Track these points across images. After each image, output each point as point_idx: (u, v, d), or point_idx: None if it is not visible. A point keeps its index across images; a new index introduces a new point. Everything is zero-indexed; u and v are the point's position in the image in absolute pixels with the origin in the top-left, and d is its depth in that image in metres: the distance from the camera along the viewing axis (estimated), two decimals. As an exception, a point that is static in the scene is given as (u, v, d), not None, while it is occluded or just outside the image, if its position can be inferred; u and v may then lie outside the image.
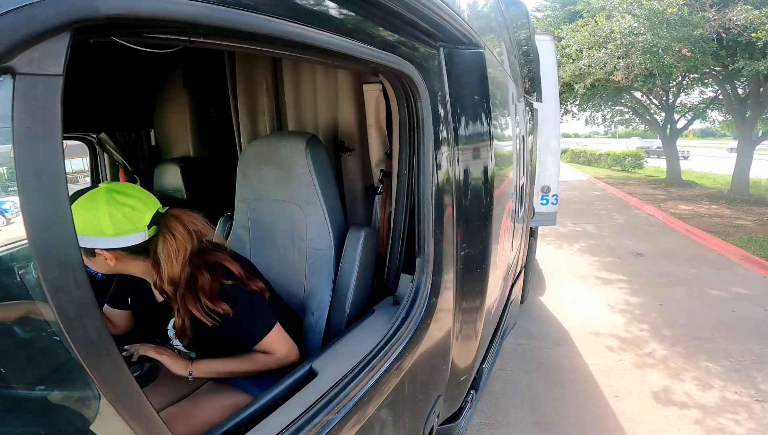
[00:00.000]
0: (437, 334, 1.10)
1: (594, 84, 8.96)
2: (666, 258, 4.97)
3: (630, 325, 3.31)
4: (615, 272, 4.54)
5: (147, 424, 0.48)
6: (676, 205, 8.33)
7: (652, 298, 3.80)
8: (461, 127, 1.10)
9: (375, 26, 0.77)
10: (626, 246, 5.57)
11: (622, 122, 16.75)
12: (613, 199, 9.74)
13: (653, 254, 5.15)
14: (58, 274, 0.38)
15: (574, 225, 6.88)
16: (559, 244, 5.76)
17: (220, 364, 1.00)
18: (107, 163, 2.53)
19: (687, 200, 8.84)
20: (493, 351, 1.90)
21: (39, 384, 0.65)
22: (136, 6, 0.40)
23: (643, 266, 4.73)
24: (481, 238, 1.21)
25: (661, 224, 6.93)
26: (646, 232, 6.39)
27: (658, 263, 4.80)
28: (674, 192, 10.05)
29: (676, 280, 4.23)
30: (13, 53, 0.33)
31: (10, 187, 0.78)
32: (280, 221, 1.25)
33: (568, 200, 9.10)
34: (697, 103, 12.15)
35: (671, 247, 5.48)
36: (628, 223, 7.08)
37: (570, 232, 6.44)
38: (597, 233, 6.35)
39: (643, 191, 10.42)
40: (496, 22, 1.72)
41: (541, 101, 3.10)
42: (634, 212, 8.04)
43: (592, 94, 10.65)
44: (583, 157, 20.55)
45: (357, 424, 0.78)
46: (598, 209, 8.35)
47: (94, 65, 1.74)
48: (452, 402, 1.39)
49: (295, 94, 1.51)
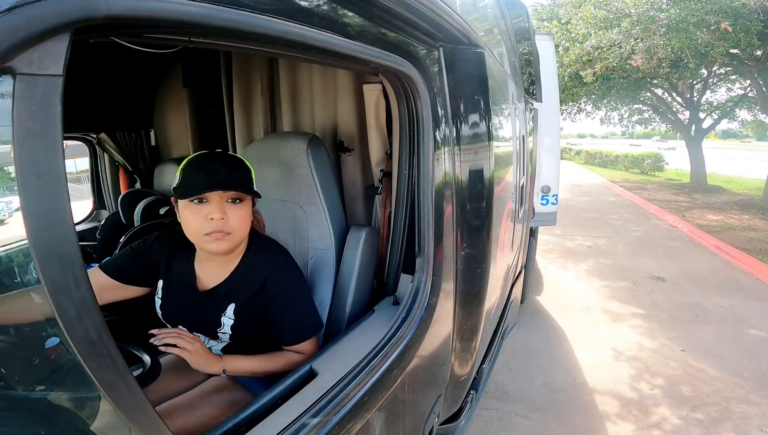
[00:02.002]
0: (437, 334, 1.10)
1: (608, 73, 7.62)
2: (692, 284, 4.10)
3: (638, 379, 2.57)
4: (628, 303, 3.69)
5: (147, 424, 0.48)
6: (703, 214, 7.26)
7: (672, 341, 3.01)
8: (461, 127, 1.10)
9: (375, 26, 0.77)
10: (644, 267, 4.65)
11: (640, 122, 15.45)
12: (630, 206, 8.70)
13: (677, 279, 4.26)
14: (58, 274, 0.38)
15: (583, 238, 5.93)
16: (564, 264, 4.86)
17: (251, 361, 0.97)
18: (107, 163, 2.54)
19: (715, 209, 7.80)
20: (493, 351, 1.90)
21: (39, 384, 0.65)
22: (136, 6, 0.40)
23: (664, 295, 3.84)
24: (481, 238, 1.21)
25: (686, 238, 5.92)
26: (668, 248, 5.38)
27: (683, 291, 3.93)
28: (699, 198, 9.05)
29: (705, 316, 3.40)
30: (13, 53, 0.33)
31: (6, 187, 0.78)
32: (281, 221, 1.25)
33: (578, 208, 8.34)
34: (725, 101, 11.18)
35: (699, 269, 4.55)
36: (646, 236, 6.09)
37: (578, 248, 5.47)
38: (610, 249, 5.36)
39: (664, 197, 9.43)
40: (496, 22, 1.72)
41: (541, 101, 3.10)
42: (654, 223, 7.00)
43: (607, 88, 9.47)
44: (599, 159, 19.69)
45: (357, 424, 0.78)
46: (612, 219, 7.30)
47: (94, 65, 1.74)
48: (452, 402, 1.39)
49: (290, 95, 1.51)
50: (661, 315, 3.44)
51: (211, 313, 0.98)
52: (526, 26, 2.65)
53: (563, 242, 5.76)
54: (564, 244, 5.66)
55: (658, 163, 15.45)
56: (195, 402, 1.01)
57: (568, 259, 5.01)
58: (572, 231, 6.35)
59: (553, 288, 4.15)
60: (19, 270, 1.19)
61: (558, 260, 5.02)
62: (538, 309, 3.63)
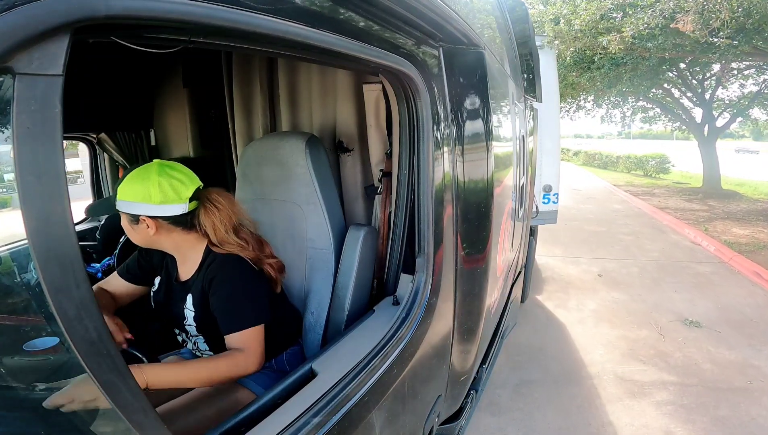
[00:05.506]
0: (437, 334, 1.10)
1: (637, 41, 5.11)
2: (737, 330, 3.07)
3: None
4: (653, 364, 2.64)
5: (147, 425, 0.48)
6: (727, 227, 6.11)
7: (719, 427, 2.07)
8: (461, 126, 1.10)
9: (375, 26, 0.77)
10: (670, 304, 3.56)
11: (645, 120, 13.96)
12: (641, 215, 7.53)
13: (715, 322, 3.20)
14: (58, 274, 0.38)
15: (588, 261, 4.77)
16: (564, 301, 3.70)
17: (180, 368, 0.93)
18: (107, 163, 2.54)
19: (738, 220, 6.67)
20: (493, 351, 1.90)
21: (39, 384, 0.65)
22: (136, 6, 0.40)
23: (701, 349, 2.81)
24: (481, 238, 1.21)
25: (715, 260, 4.78)
26: (695, 276, 4.26)
27: (726, 342, 2.90)
28: (717, 206, 7.96)
29: (761, 380, 2.45)
30: (13, 53, 0.33)
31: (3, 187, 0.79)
32: (280, 221, 1.25)
33: (581, 218, 7.13)
34: (738, 98, 10.19)
35: (740, 306, 3.47)
36: (666, 258, 4.90)
37: (583, 276, 4.33)
38: (623, 278, 4.24)
39: (676, 205, 8.23)
40: (496, 22, 1.72)
41: (541, 101, 3.10)
42: (672, 239, 5.83)
43: (615, 76, 7.55)
44: (599, 160, 18.79)
45: (357, 423, 0.78)
46: (621, 233, 6.15)
47: (94, 65, 1.74)
48: (452, 402, 1.39)
49: (290, 95, 1.51)
50: (700, 383, 2.44)
51: (177, 304, 1.06)
52: (526, 26, 2.65)
53: (565, 267, 4.58)
54: (566, 270, 4.50)
55: (663, 164, 14.42)
56: (195, 403, 1.01)
57: (571, 294, 3.84)
58: (575, 250, 5.23)
59: (552, 340, 3.03)
60: (19, 270, 1.19)
61: (558, 295, 3.80)
62: (528, 380, 2.55)
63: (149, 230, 0.97)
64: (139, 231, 0.98)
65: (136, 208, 0.94)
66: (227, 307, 0.99)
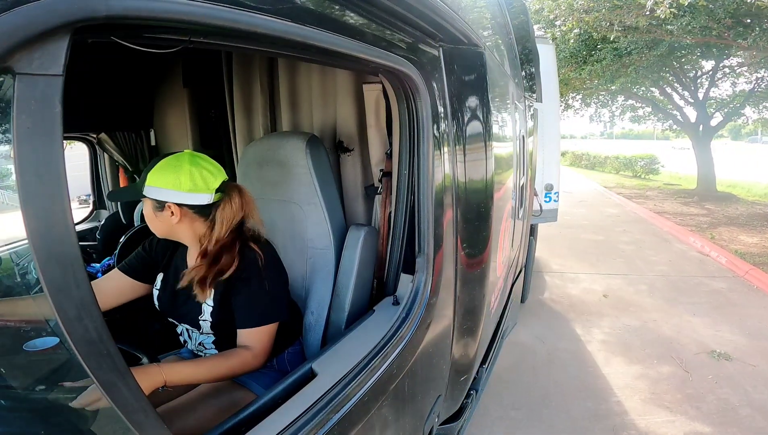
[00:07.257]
0: (437, 334, 1.10)
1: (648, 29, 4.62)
2: None
3: None
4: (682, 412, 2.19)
5: (147, 425, 0.48)
6: (733, 234, 5.63)
7: None
8: (461, 126, 1.10)
9: (375, 26, 0.77)
10: (690, 330, 3.07)
11: (634, 119, 13.45)
12: (638, 221, 7.02)
13: (746, 353, 2.73)
14: (58, 274, 0.38)
15: (590, 277, 4.23)
16: (567, 330, 3.16)
17: (195, 365, 0.96)
18: (107, 163, 2.54)
19: (741, 225, 6.23)
20: (493, 351, 1.90)
21: (39, 384, 0.65)
22: (136, 6, 0.40)
23: (737, 389, 2.36)
24: (481, 238, 1.21)
25: (729, 274, 4.27)
26: (712, 293, 3.79)
27: (764, 379, 2.46)
28: (716, 210, 7.56)
29: None
30: (13, 53, 0.33)
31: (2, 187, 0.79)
32: (280, 221, 1.25)
33: (576, 225, 6.53)
34: (730, 97, 9.91)
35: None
36: (675, 272, 4.37)
37: (586, 296, 3.77)
38: (632, 297, 3.72)
39: (673, 209, 7.75)
40: (496, 22, 1.72)
41: (541, 101, 3.10)
42: (677, 248, 5.30)
43: (618, 69, 7.09)
44: (586, 160, 18.11)
45: (357, 424, 0.78)
46: (622, 242, 5.60)
47: (94, 65, 1.74)
48: (452, 402, 1.39)
49: (290, 95, 1.51)
50: (739, 433, 2.04)
51: (189, 299, 1.03)
52: (526, 26, 2.65)
53: (564, 285, 3.99)
54: (565, 288, 3.91)
55: (652, 165, 13.94)
56: (195, 403, 1.01)
57: (576, 320, 3.28)
58: (574, 264, 4.64)
59: (556, 384, 2.46)
60: (19, 270, 1.19)
61: (559, 323, 3.27)
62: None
63: (173, 218, 0.97)
64: (162, 218, 0.98)
65: (165, 195, 0.95)
66: (250, 302, 0.99)
